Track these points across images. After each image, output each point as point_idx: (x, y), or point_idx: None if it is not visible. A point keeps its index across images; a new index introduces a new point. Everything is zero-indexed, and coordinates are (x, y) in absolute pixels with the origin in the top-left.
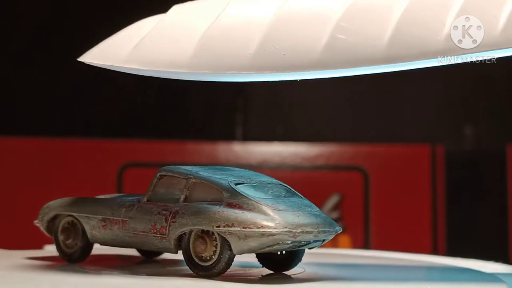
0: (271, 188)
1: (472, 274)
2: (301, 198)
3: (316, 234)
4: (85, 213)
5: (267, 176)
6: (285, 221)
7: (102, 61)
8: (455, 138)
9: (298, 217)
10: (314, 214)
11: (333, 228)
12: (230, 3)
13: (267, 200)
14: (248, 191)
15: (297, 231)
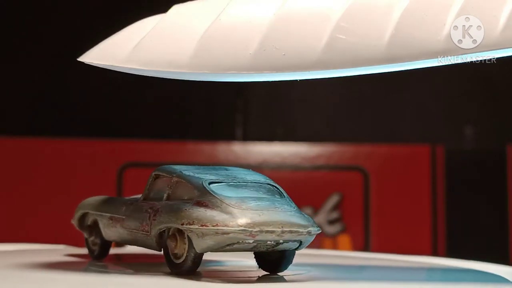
0: (251, 187)
1: (478, 276)
2: (281, 198)
3: (280, 234)
4: (99, 212)
5: (260, 175)
6: (243, 220)
7: (102, 61)
8: (455, 138)
9: (260, 216)
10: (284, 214)
11: (304, 229)
12: (230, 3)
13: (234, 199)
14: (219, 190)
15: (253, 230)
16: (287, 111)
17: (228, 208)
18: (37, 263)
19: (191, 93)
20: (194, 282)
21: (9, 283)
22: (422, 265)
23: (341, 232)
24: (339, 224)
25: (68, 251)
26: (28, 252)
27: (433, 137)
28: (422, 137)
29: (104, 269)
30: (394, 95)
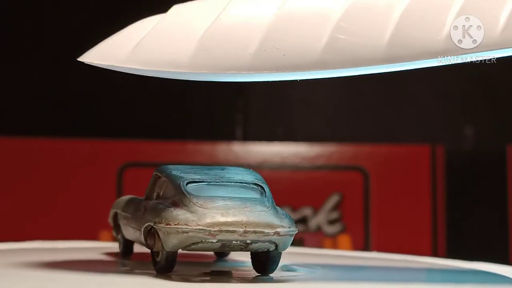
0: (231, 187)
1: (488, 277)
2: (259, 198)
3: (242, 234)
4: (121, 211)
5: (252, 175)
6: (203, 219)
7: (102, 61)
8: (455, 138)
9: (222, 216)
10: (252, 214)
11: (271, 229)
12: (230, 3)
13: (203, 199)
14: (194, 189)
15: (212, 230)
16: (287, 111)
17: (193, 208)
18: (36, 262)
19: (191, 93)
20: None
21: (9, 282)
22: (431, 266)
23: (341, 232)
24: (339, 224)
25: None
26: (28, 251)
27: (433, 137)
28: (422, 137)
29: (103, 267)
30: (394, 95)
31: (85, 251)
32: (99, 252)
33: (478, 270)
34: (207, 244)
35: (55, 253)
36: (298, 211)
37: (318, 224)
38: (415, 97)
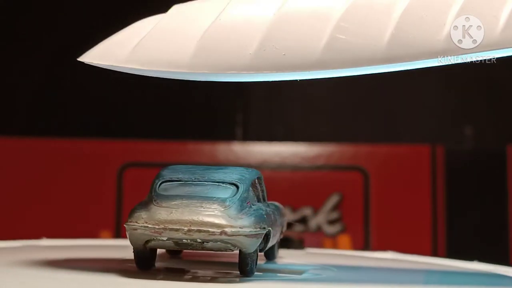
0: (203, 186)
1: (503, 280)
2: (222, 198)
3: (186, 232)
4: None
5: (237, 174)
6: (152, 217)
7: (102, 61)
8: (455, 138)
9: (170, 214)
10: (201, 214)
11: (217, 229)
12: (230, 3)
13: (164, 197)
14: (163, 188)
15: (157, 227)
16: (287, 111)
17: (150, 206)
18: (36, 261)
19: (191, 93)
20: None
21: (9, 281)
22: (436, 267)
23: (341, 232)
24: (339, 224)
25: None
26: (28, 250)
27: (433, 137)
28: (422, 137)
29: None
30: (394, 95)
31: (87, 249)
32: (101, 250)
33: (503, 275)
34: (162, 242)
35: (55, 251)
36: (298, 211)
37: (318, 224)
38: (415, 97)
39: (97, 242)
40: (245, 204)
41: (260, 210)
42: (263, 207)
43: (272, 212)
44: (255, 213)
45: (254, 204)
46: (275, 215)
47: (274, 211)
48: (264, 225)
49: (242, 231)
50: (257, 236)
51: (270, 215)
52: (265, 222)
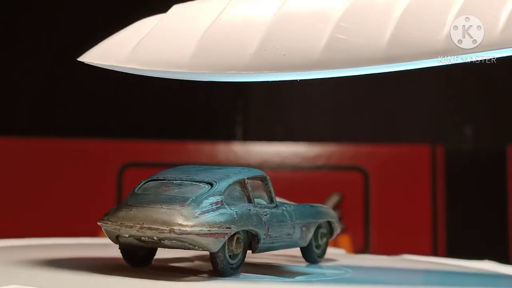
0: (176, 186)
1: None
2: (184, 197)
3: (139, 230)
4: None
5: (219, 174)
6: (114, 215)
7: (102, 61)
8: (455, 138)
9: (128, 212)
10: (155, 212)
11: (166, 227)
12: (230, 3)
13: (135, 196)
14: (142, 188)
15: (115, 224)
16: (287, 111)
17: (121, 204)
18: (34, 259)
19: (191, 93)
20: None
21: (8, 280)
22: (448, 268)
23: (341, 232)
24: (339, 224)
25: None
26: (27, 248)
27: (433, 137)
28: (422, 137)
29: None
30: (394, 95)
31: (88, 247)
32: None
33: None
34: (126, 239)
35: (56, 250)
36: None
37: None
38: (415, 97)
39: (96, 241)
40: (213, 203)
41: (231, 210)
42: (248, 207)
43: (267, 213)
44: (220, 213)
45: (233, 203)
46: (282, 217)
47: (278, 212)
48: (230, 225)
49: (191, 230)
50: (215, 236)
51: (253, 216)
52: (234, 222)
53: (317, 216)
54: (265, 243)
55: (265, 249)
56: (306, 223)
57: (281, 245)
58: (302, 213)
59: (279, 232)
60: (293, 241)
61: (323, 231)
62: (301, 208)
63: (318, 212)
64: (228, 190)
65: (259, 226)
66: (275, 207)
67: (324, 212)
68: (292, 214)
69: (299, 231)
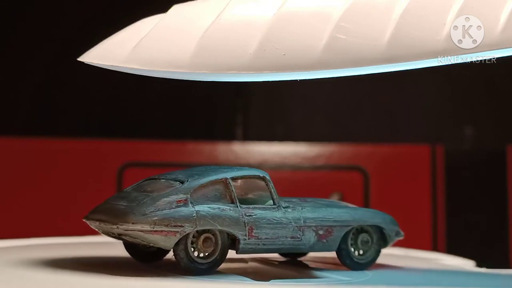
0: (154, 183)
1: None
2: (148, 195)
3: (98, 225)
4: None
5: (209, 172)
6: (94, 211)
7: (102, 61)
8: (455, 138)
9: (97, 208)
10: (113, 208)
11: (113, 224)
12: (230, 3)
13: (117, 193)
14: (137, 186)
15: (87, 219)
16: (287, 111)
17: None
18: (36, 261)
19: (191, 93)
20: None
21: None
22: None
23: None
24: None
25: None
26: (28, 249)
27: (433, 137)
28: (422, 137)
29: None
30: (394, 95)
31: (88, 247)
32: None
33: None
34: (112, 236)
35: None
36: None
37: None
38: (415, 97)
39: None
40: (174, 201)
41: (192, 209)
42: (223, 207)
43: (253, 214)
44: (176, 211)
45: (205, 203)
46: (279, 218)
47: (272, 213)
48: (184, 224)
49: (133, 227)
50: (163, 234)
51: (225, 216)
52: (190, 221)
53: (347, 220)
54: (249, 244)
55: (251, 251)
56: (326, 227)
57: (280, 248)
58: (319, 215)
59: (272, 234)
60: (304, 244)
61: (366, 236)
62: (320, 210)
63: (351, 216)
64: (202, 189)
65: (235, 227)
66: (274, 208)
67: (365, 215)
68: (299, 217)
69: (312, 235)
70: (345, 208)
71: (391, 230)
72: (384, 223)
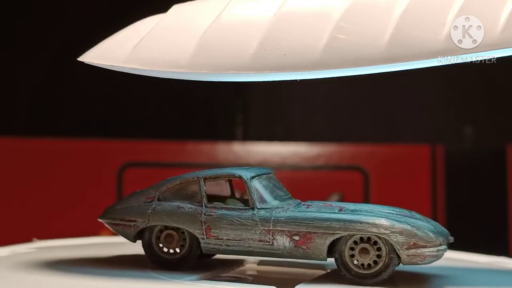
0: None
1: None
2: (132, 193)
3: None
4: None
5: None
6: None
7: (102, 61)
8: (455, 138)
9: None
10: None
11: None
12: (230, 3)
13: None
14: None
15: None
16: (287, 111)
17: None
18: (36, 262)
19: (191, 93)
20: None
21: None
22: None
23: None
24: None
25: None
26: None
27: (433, 137)
28: (422, 137)
29: None
30: (394, 95)
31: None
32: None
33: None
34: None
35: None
36: None
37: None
38: (415, 97)
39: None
40: (144, 198)
41: (151, 206)
42: (183, 205)
43: (214, 214)
44: (137, 207)
45: (173, 200)
46: (243, 220)
47: (238, 214)
48: (137, 219)
49: (102, 220)
50: (120, 227)
51: (181, 214)
52: (143, 217)
53: (333, 227)
54: (209, 243)
55: (215, 251)
56: (304, 232)
57: (250, 251)
58: (293, 219)
59: (234, 235)
60: (278, 249)
61: (365, 246)
62: (302, 214)
63: (340, 222)
64: (175, 188)
65: (191, 225)
66: (246, 209)
67: (361, 222)
68: (269, 220)
69: (287, 240)
70: (328, 213)
71: (394, 242)
72: (394, 232)
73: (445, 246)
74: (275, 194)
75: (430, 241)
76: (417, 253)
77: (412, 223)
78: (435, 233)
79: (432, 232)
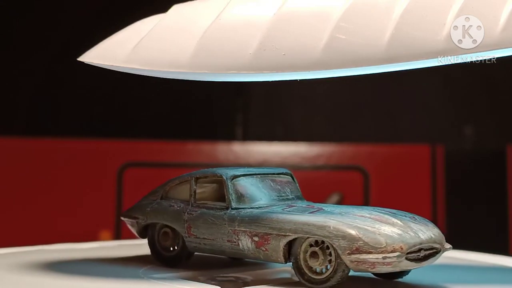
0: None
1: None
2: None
3: None
4: None
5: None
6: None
7: (102, 61)
8: (455, 138)
9: None
10: None
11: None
12: (230, 3)
13: None
14: None
15: None
16: (287, 111)
17: None
18: (36, 264)
19: (191, 93)
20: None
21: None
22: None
23: None
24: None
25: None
26: (27, 253)
27: (433, 137)
28: (422, 137)
29: None
30: (394, 95)
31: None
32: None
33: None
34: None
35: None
36: None
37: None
38: (415, 97)
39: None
40: (153, 198)
41: (151, 205)
42: (173, 204)
43: (194, 212)
44: (142, 206)
45: (173, 199)
46: (216, 219)
47: (214, 213)
48: (139, 216)
49: (122, 218)
50: (129, 224)
51: (171, 212)
52: (144, 214)
53: (284, 228)
54: (191, 242)
55: (197, 249)
56: (261, 233)
57: (223, 251)
58: (254, 220)
59: (208, 234)
60: (243, 250)
61: (315, 250)
62: (263, 215)
63: (291, 223)
64: (177, 188)
65: (176, 223)
66: (222, 209)
67: (309, 224)
68: (234, 219)
69: (249, 241)
70: (289, 214)
71: (339, 246)
72: (337, 236)
73: (401, 254)
74: (266, 195)
75: (378, 247)
76: (359, 259)
77: (366, 227)
78: (394, 239)
79: (390, 238)
